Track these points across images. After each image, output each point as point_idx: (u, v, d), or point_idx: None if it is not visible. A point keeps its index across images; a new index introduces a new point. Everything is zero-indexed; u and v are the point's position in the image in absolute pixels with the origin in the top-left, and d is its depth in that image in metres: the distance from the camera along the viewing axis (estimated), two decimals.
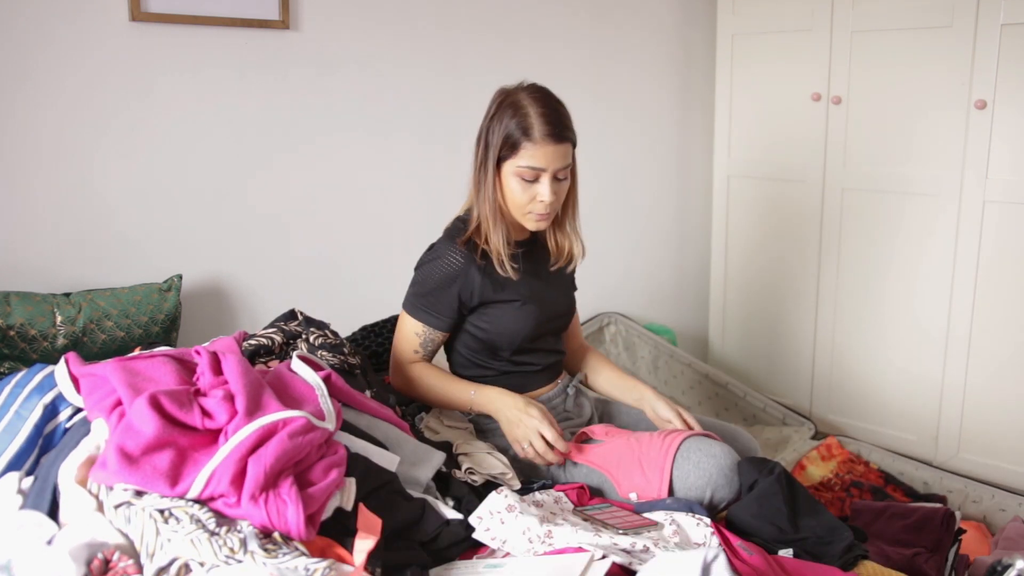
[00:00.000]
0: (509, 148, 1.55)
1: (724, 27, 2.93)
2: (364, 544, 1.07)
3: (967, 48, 2.32)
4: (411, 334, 1.67)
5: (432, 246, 1.69)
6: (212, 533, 1.00)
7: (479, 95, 2.48)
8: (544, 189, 1.56)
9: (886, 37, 2.52)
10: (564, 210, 1.69)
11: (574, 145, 1.62)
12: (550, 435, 1.55)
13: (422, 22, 2.39)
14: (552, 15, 2.67)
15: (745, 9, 2.87)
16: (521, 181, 1.56)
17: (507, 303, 1.64)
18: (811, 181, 2.76)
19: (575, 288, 1.86)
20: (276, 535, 1.03)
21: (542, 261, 1.73)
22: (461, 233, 1.64)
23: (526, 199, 1.58)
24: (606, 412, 1.86)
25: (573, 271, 1.80)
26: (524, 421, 1.57)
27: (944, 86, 2.39)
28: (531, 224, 1.62)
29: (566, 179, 1.61)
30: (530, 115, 1.54)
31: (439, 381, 1.67)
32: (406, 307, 1.68)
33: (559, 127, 1.55)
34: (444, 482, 1.45)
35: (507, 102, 1.58)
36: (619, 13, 2.84)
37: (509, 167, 1.57)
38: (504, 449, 1.65)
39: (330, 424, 1.23)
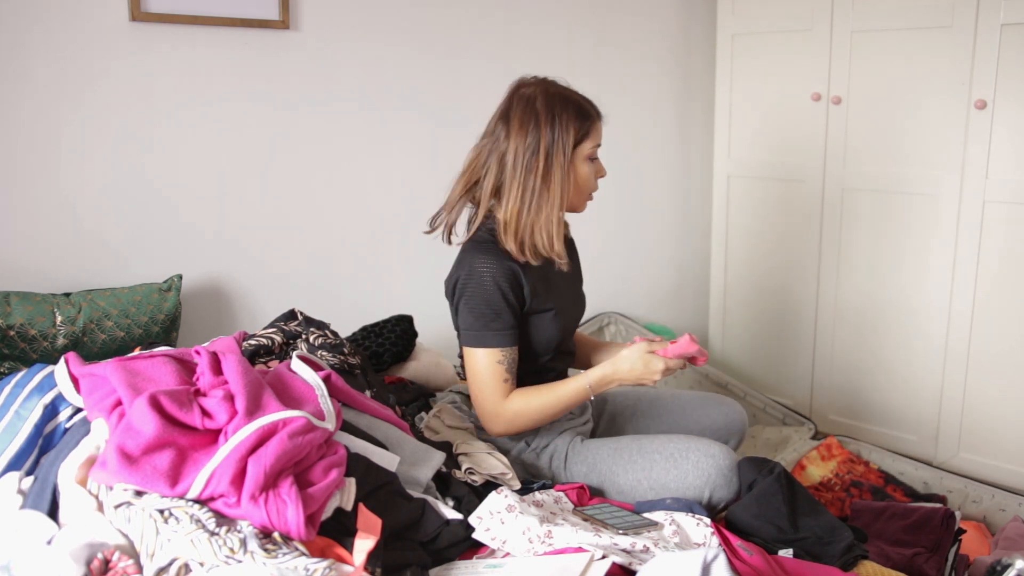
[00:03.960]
0: (582, 135, 1.58)
1: (724, 27, 2.93)
2: (364, 544, 1.07)
3: (967, 48, 2.32)
4: (493, 365, 1.54)
5: (467, 268, 1.56)
6: (212, 533, 1.00)
7: (480, 96, 2.50)
8: (600, 163, 1.65)
9: (886, 37, 2.52)
10: None
11: None
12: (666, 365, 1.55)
13: (422, 23, 2.39)
14: (551, 19, 2.67)
15: (745, 9, 2.87)
16: (588, 163, 1.61)
17: (544, 312, 1.61)
18: (811, 181, 2.76)
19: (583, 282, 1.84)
20: (276, 535, 1.03)
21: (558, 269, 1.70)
22: (494, 243, 1.57)
23: (593, 179, 1.64)
24: (606, 411, 1.86)
25: (580, 268, 1.80)
26: (645, 376, 1.56)
27: (944, 86, 2.39)
28: (584, 206, 1.68)
29: None
30: (578, 99, 1.60)
31: (547, 395, 1.57)
32: (472, 343, 1.55)
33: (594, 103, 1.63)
34: (444, 482, 1.45)
35: (547, 100, 1.55)
36: (619, 13, 2.84)
37: (581, 153, 1.59)
38: (504, 450, 1.65)
39: (330, 424, 1.23)
